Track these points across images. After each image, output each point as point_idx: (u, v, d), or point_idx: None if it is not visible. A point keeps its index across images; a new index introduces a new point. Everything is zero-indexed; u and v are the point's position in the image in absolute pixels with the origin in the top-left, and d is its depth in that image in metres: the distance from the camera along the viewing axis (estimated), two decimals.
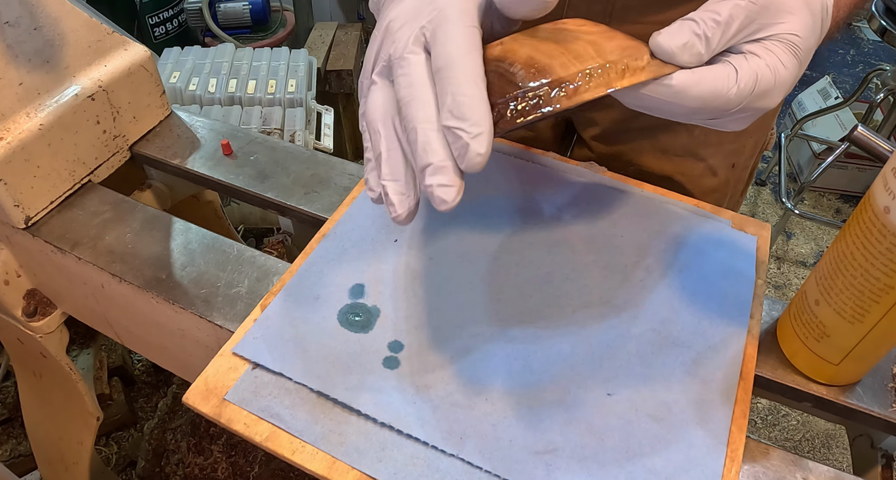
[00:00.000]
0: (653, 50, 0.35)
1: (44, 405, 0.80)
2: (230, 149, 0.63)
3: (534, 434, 0.39)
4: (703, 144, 0.64)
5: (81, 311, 0.64)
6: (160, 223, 0.57)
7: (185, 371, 0.62)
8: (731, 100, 0.34)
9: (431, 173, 0.32)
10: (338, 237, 0.50)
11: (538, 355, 0.43)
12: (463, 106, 0.31)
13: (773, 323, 0.47)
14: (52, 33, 0.56)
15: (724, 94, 0.34)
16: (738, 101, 0.34)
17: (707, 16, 0.34)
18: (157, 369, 1.31)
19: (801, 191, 1.65)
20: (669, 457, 0.38)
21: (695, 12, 0.35)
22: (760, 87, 0.34)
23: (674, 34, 0.34)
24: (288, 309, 0.45)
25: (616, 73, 0.34)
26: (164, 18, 1.84)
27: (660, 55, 0.35)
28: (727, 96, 0.34)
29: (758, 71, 0.34)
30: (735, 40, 0.35)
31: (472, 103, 0.32)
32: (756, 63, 0.35)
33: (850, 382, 0.44)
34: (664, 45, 0.34)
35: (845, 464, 1.32)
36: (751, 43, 0.35)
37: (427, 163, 0.32)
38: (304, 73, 1.37)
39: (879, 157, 0.76)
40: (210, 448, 0.95)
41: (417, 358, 0.43)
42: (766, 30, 0.35)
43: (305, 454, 0.38)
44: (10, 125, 0.54)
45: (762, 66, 0.35)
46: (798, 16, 0.35)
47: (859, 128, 0.76)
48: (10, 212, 0.55)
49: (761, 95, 0.35)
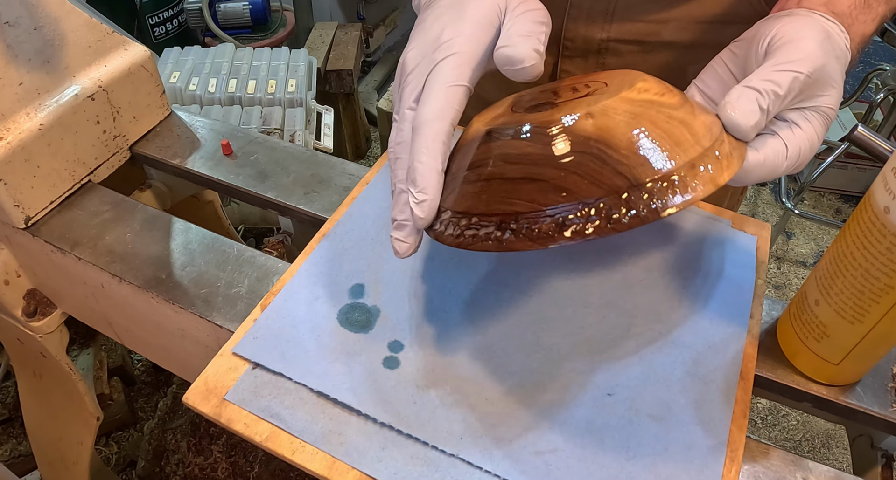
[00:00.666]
0: (728, 128, 0.35)
1: (44, 405, 0.80)
2: (230, 149, 0.63)
3: (534, 434, 0.39)
4: None
5: (81, 311, 0.64)
6: (160, 223, 0.57)
7: (185, 371, 0.62)
8: (779, 174, 0.37)
9: (395, 228, 0.37)
10: (338, 237, 0.50)
11: (538, 355, 0.43)
12: (416, 172, 0.35)
13: (773, 323, 0.47)
14: (52, 33, 0.56)
15: (777, 170, 0.36)
16: (786, 171, 0.37)
17: (769, 87, 0.35)
18: (157, 369, 1.31)
19: (801, 191, 1.65)
20: (669, 457, 0.38)
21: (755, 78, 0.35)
22: (801, 160, 0.37)
23: (746, 113, 0.35)
24: (288, 309, 0.45)
25: (715, 164, 0.33)
26: (164, 18, 1.84)
27: (734, 133, 0.35)
28: (778, 171, 0.36)
29: (801, 145, 0.36)
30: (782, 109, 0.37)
31: (423, 170, 0.35)
32: (800, 136, 0.36)
33: (850, 382, 0.44)
34: (742, 125, 0.35)
35: (845, 464, 1.32)
36: (794, 111, 0.37)
37: (394, 218, 0.37)
38: (304, 73, 1.37)
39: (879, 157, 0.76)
40: (210, 448, 0.95)
41: (417, 358, 0.43)
42: (810, 100, 0.37)
43: (305, 454, 0.38)
44: (10, 125, 0.54)
45: (804, 139, 0.36)
46: (837, 88, 0.37)
47: (859, 128, 0.76)
48: (10, 212, 0.55)
49: (799, 166, 0.37)
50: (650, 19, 0.56)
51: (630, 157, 0.32)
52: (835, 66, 0.37)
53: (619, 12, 0.56)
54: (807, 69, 0.35)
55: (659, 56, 0.58)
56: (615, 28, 0.56)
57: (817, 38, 0.36)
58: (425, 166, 0.35)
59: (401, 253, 0.37)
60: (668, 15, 0.55)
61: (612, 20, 0.56)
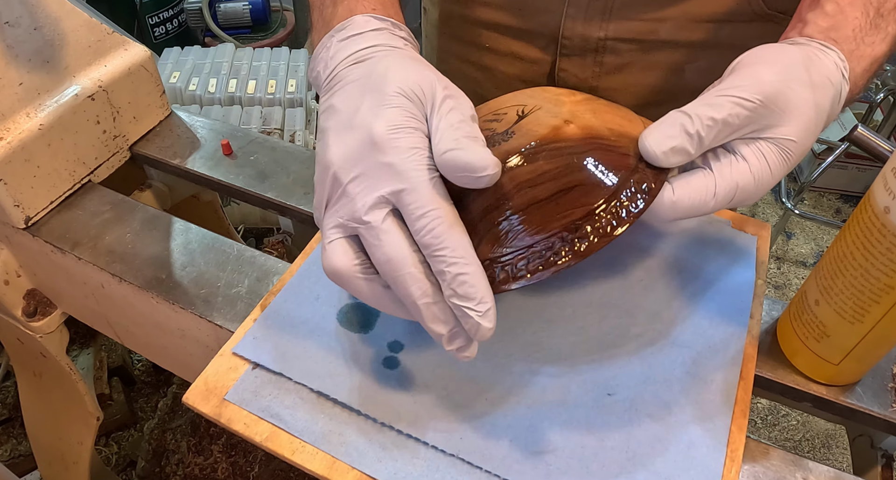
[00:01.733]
0: (640, 150, 0.34)
1: (44, 405, 0.80)
2: (230, 149, 0.63)
3: (534, 434, 0.39)
4: None
5: (81, 311, 0.64)
6: (160, 223, 0.57)
7: (185, 371, 0.62)
8: (707, 211, 0.34)
9: (448, 341, 0.33)
10: None
11: (538, 355, 0.43)
12: (465, 285, 0.31)
13: (773, 323, 0.47)
14: (52, 33, 0.56)
15: (701, 208, 0.34)
16: (715, 209, 0.34)
17: (704, 112, 0.33)
18: (157, 369, 1.31)
19: (801, 191, 1.65)
20: (669, 457, 0.38)
21: (693, 104, 0.34)
22: (740, 197, 0.34)
23: (662, 137, 0.33)
24: (288, 309, 0.45)
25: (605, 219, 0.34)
26: (164, 18, 1.84)
27: (646, 157, 0.34)
28: (704, 209, 0.34)
29: (739, 180, 0.34)
30: (731, 138, 0.34)
31: (475, 282, 0.32)
32: (739, 171, 0.34)
33: (850, 382, 0.44)
34: (651, 149, 0.33)
35: (845, 464, 1.32)
36: (744, 142, 0.35)
37: (440, 335, 0.33)
38: (304, 73, 1.37)
39: (879, 157, 0.76)
40: (210, 448, 0.95)
41: (417, 358, 0.43)
42: (766, 131, 0.34)
43: (305, 454, 0.38)
44: (10, 125, 0.54)
45: (746, 175, 0.34)
46: (801, 119, 0.34)
47: (859, 128, 0.76)
48: (10, 212, 0.55)
49: (740, 202, 0.35)
50: (648, 18, 0.56)
51: (620, 140, 0.35)
52: (802, 94, 0.34)
53: (617, 11, 0.56)
54: (754, 96, 0.33)
55: (657, 55, 0.58)
56: (613, 27, 0.56)
57: (781, 64, 0.34)
58: (473, 276, 0.32)
59: (472, 357, 0.34)
60: (666, 14, 0.55)
61: (610, 19, 0.56)
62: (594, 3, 0.56)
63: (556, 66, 0.60)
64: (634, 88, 0.60)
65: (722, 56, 0.56)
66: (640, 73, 0.59)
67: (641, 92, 0.60)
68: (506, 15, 0.60)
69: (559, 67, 0.60)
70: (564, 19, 0.57)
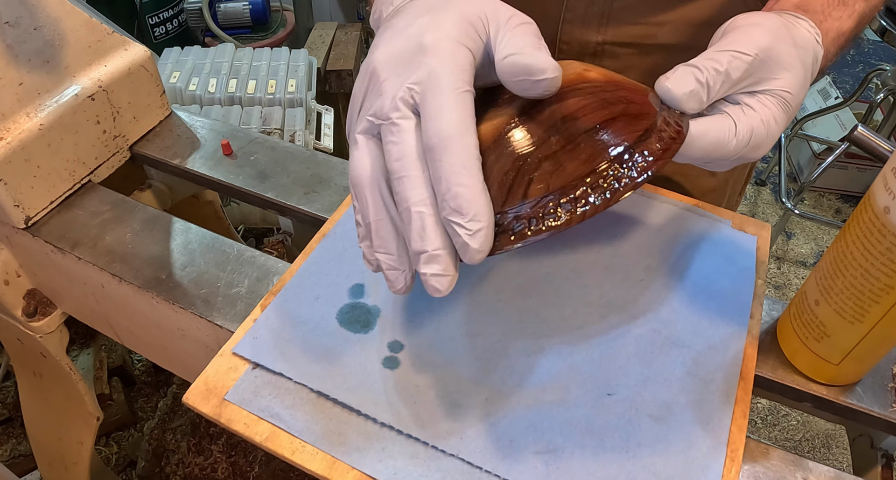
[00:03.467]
0: (660, 95, 0.35)
1: (44, 405, 0.80)
2: (230, 149, 0.63)
3: (534, 434, 0.39)
4: None
5: (81, 311, 0.64)
6: (160, 223, 0.57)
7: (185, 371, 0.62)
8: (729, 152, 0.36)
9: (426, 261, 0.31)
10: (338, 237, 0.50)
11: (538, 355, 0.43)
12: (460, 198, 0.30)
13: (773, 323, 0.47)
14: (52, 33, 0.56)
15: (724, 146, 0.35)
16: (736, 153, 0.36)
17: (708, 64, 0.35)
18: (157, 369, 1.31)
19: (801, 191, 1.65)
20: (669, 457, 0.38)
21: (696, 59, 0.35)
22: (755, 141, 0.36)
23: (680, 81, 0.34)
24: (288, 309, 0.45)
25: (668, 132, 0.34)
26: (164, 18, 1.84)
27: (668, 100, 0.35)
28: (727, 148, 0.35)
29: (753, 125, 0.36)
30: (733, 90, 0.36)
31: (470, 196, 0.30)
32: (752, 117, 0.36)
33: (850, 382, 0.44)
34: (674, 91, 0.34)
35: (845, 464, 1.32)
36: (747, 95, 0.37)
37: (422, 250, 0.31)
38: (304, 73, 1.37)
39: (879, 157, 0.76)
40: (210, 448, 0.95)
41: (417, 358, 0.43)
42: (763, 84, 0.36)
43: (305, 454, 0.38)
44: (10, 125, 0.54)
45: (757, 120, 0.36)
46: (792, 72, 0.36)
47: (859, 128, 0.76)
48: (10, 212, 0.55)
49: (755, 148, 0.36)
50: (646, 22, 0.56)
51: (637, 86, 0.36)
52: (789, 51, 0.36)
53: (614, 15, 0.56)
54: (750, 49, 0.35)
55: (655, 58, 0.58)
56: (611, 31, 0.56)
57: (767, 26, 0.36)
58: (471, 189, 0.30)
59: (442, 291, 0.31)
60: (664, 17, 0.55)
61: (608, 23, 0.56)
62: (592, 7, 0.55)
63: None
64: None
65: None
66: (639, 76, 0.59)
67: None
68: None
69: None
70: (562, 24, 0.57)
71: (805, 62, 0.37)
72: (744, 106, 0.36)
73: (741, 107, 0.36)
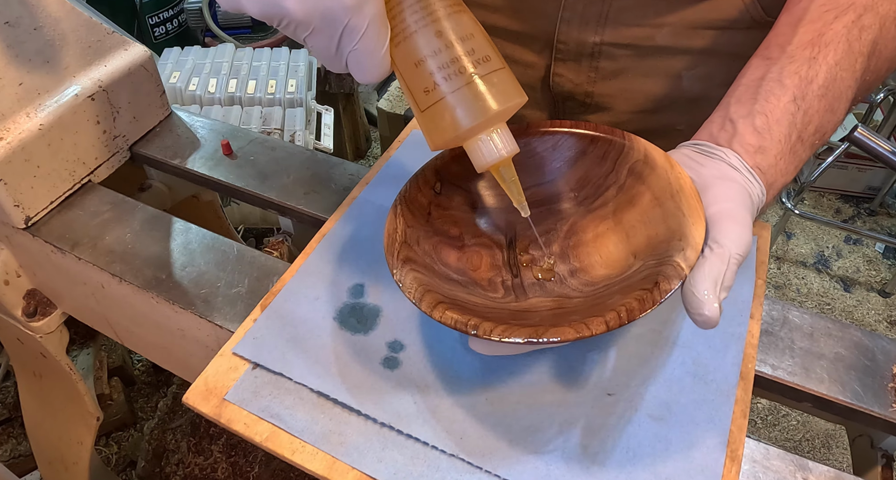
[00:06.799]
0: (695, 320, 0.35)
1: (44, 405, 0.80)
2: (230, 149, 0.63)
3: (534, 434, 0.39)
4: None
5: (81, 311, 0.64)
6: (160, 223, 0.57)
7: (185, 371, 0.62)
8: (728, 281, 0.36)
9: None
10: (338, 237, 0.50)
11: (538, 355, 0.43)
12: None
13: (774, 323, 0.47)
14: (52, 33, 0.56)
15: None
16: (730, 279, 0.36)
17: (727, 283, 0.34)
18: (157, 369, 1.31)
19: (801, 191, 1.65)
20: (669, 457, 0.38)
21: (714, 278, 0.34)
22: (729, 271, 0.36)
23: (715, 311, 0.34)
24: (288, 308, 0.45)
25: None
26: (164, 18, 1.84)
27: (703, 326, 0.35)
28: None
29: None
30: None
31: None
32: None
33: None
34: (713, 318, 0.34)
35: (845, 464, 1.32)
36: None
37: None
38: (304, 73, 1.37)
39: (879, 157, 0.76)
40: (210, 448, 0.95)
41: (417, 357, 0.43)
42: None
43: (305, 454, 0.38)
44: (10, 125, 0.54)
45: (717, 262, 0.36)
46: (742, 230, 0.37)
47: (859, 128, 0.76)
48: (10, 212, 0.55)
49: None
50: (645, 23, 0.55)
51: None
52: (746, 218, 0.37)
53: (613, 16, 0.55)
54: (742, 251, 0.35)
55: (653, 61, 0.57)
56: (609, 32, 0.56)
57: (744, 216, 0.37)
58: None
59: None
60: (662, 20, 0.55)
61: (606, 24, 0.56)
62: (590, 7, 0.55)
63: (551, 70, 0.60)
64: (630, 95, 0.60)
65: (720, 63, 0.56)
66: (637, 79, 0.59)
67: (638, 99, 0.60)
68: (501, 17, 0.60)
69: (554, 72, 0.60)
70: (560, 23, 0.57)
71: (750, 226, 0.38)
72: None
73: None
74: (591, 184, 0.43)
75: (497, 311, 0.38)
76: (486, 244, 0.43)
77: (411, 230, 0.40)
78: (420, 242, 0.40)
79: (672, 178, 0.38)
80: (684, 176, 0.38)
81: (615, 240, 0.41)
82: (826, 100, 0.41)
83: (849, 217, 1.87)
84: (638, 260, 0.38)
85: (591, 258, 0.42)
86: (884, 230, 1.83)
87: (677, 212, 0.37)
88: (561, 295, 0.40)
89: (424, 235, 0.41)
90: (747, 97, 0.41)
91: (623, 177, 0.41)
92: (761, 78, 0.41)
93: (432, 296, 0.36)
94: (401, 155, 0.57)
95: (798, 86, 0.40)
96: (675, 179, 0.38)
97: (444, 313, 0.35)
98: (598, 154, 0.42)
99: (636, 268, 0.38)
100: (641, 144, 0.41)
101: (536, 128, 0.43)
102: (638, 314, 0.33)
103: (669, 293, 0.33)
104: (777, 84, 0.40)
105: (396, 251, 0.39)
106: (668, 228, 0.37)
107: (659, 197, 0.39)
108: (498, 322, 0.34)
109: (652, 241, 0.38)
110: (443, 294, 0.37)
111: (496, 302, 0.40)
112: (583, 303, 0.38)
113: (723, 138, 0.40)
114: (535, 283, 0.42)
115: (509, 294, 0.41)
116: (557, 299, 0.40)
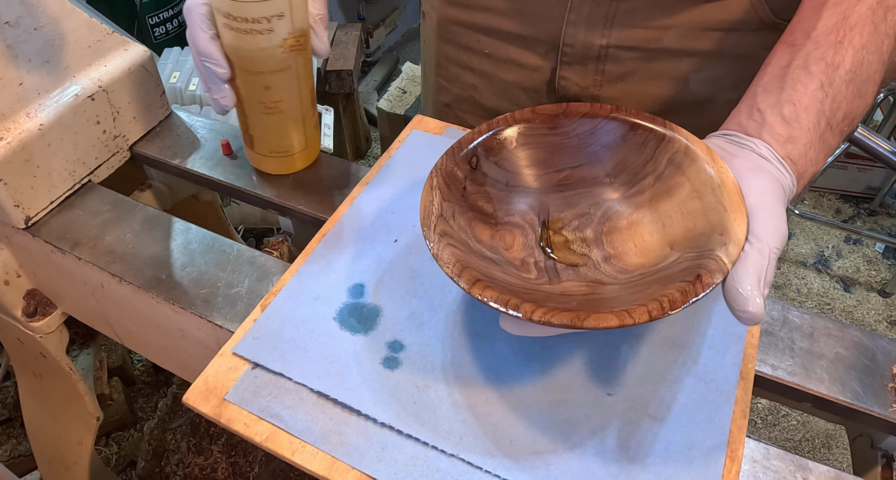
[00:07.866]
0: (742, 320, 0.35)
1: (44, 405, 0.80)
2: (230, 149, 0.63)
3: (534, 434, 0.39)
4: None
5: (81, 311, 0.64)
6: (160, 223, 0.57)
7: (185, 371, 0.62)
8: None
9: (213, 92, 0.52)
10: (338, 237, 0.50)
11: (538, 355, 0.43)
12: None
13: (774, 323, 0.47)
14: (52, 33, 0.56)
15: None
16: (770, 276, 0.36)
17: (768, 280, 0.35)
18: (157, 369, 1.31)
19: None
20: (669, 457, 0.38)
21: (756, 274, 0.34)
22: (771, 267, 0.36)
23: (760, 308, 0.34)
24: (288, 309, 0.45)
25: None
26: (164, 18, 1.84)
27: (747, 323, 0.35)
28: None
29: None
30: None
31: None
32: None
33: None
34: (758, 314, 0.34)
35: (845, 464, 1.32)
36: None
37: (206, 87, 0.52)
38: None
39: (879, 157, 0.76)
40: (210, 448, 0.95)
41: (417, 358, 0.43)
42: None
43: (305, 454, 0.38)
44: (10, 125, 0.54)
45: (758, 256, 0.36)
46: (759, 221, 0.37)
47: (859, 128, 0.76)
48: (10, 212, 0.55)
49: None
50: (651, 26, 0.55)
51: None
52: (782, 213, 0.37)
53: (619, 18, 0.55)
54: (779, 244, 0.36)
55: (660, 63, 0.57)
56: (615, 34, 0.55)
57: (778, 208, 0.37)
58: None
59: (229, 106, 0.51)
60: (669, 22, 0.54)
61: (613, 26, 0.55)
62: (596, 9, 0.55)
63: (557, 73, 0.59)
64: (637, 98, 0.59)
65: (727, 66, 0.56)
66: (644, 82, 0.58)
67: (645, 101, 0.59)
68: (506, 21, 0.60)
69: (560, 75, 0.59)
70: (566, 26, 0.56)
71: (775, 207, 0.38)
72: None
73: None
74: (628, 171, 0.42)
75: (531, 293, 0.37)
76: (519, 223, 0.43)
77: (447, 204, 0.40)
78: (455, 217, 0.40)
79: (714, 172, 0.38)
80: (726, 170, 0.38)
81: (650, 229, 0.41)
82: (854, 85, 0.40)
83: (849, 217, 1.87)
84: (675, 252, 0.38)
85: (626, 245, 0.41)
86: (884, 230, 1.83)
87: (718, 207, 0.37)
88: (595, 280, 0.40)
89: (460, 210, 0.40)
90: (774, 85, 0.40)
91: (662, 166, 0.41)
92: (787, 65, 0.40)
93: (470, 273, 0.35)
94: (401, 155, 0.57)
95: (824, 72, 0.40)
96: (718, 173, 0.38)
97: (484, 290, 0.34)
98: (637, 141, 0.42)
99: (673, 259, 0.37)
100: (683, 135, 0.40)
101: (576, 109, 0.43)
102: (679, 305, 0.33)
103: (711, 287, 0.33)
104: (803, 71, 0.40)
105: (433, 224, 0.38)
106: (708, 222, 0.37)
107: (699, 189, 0.38)
108: (537, 303, 0.34)
109: (690, 233, 0.38)
110: (479, 271, 0.36)
111: (530, 283, 0.39)
112: (618, 290, 0.38)
113: (752, 128, 0.40)
114: (567, 267, 0.41)
115: (542, 275, 0.40)
116: (591, 284, 0.39)
